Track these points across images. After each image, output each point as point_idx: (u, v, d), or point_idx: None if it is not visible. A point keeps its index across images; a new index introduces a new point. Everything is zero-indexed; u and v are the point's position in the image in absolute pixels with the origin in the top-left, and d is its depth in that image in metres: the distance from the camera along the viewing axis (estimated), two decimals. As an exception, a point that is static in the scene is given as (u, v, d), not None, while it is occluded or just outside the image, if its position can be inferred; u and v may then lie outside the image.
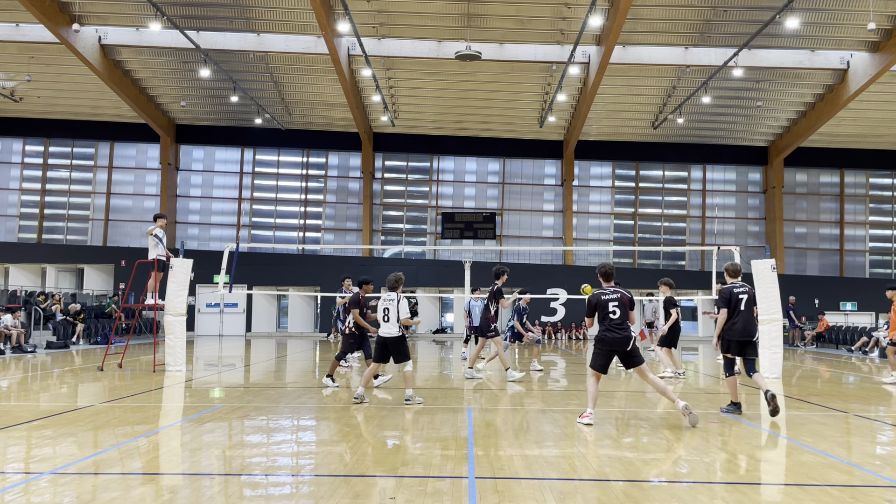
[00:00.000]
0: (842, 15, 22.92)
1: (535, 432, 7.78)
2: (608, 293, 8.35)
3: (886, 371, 13.56)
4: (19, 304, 23.20)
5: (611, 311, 8.26)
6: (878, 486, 5.76)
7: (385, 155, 34.28)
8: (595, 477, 5.85)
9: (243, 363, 17.38)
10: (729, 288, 9.17)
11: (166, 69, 28.73)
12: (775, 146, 32.92)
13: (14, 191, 33.93)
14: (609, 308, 8.26)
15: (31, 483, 5.54)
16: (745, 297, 9.06)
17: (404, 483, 5.59)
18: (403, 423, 8.26)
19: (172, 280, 13.89)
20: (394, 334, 9.67)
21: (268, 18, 24.92)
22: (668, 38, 25.17)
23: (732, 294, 9.07)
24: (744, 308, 9.01)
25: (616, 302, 8.28)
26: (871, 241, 34.52)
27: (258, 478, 5.86)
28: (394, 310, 9.65)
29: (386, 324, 9.66)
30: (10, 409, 9.30)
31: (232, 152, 34.35)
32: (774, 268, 13.89)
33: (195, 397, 10.84)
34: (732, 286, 9.19)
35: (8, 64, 28.22)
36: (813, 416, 9.17)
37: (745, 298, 9.05)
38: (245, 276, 28.68)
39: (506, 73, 27.68)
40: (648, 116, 31.23)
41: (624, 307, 8.29)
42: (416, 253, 34.70)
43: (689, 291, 28.09)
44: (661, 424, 8.35)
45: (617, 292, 8.37)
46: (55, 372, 14.48)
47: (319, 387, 12.26)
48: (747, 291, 9.13)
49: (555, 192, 34.14)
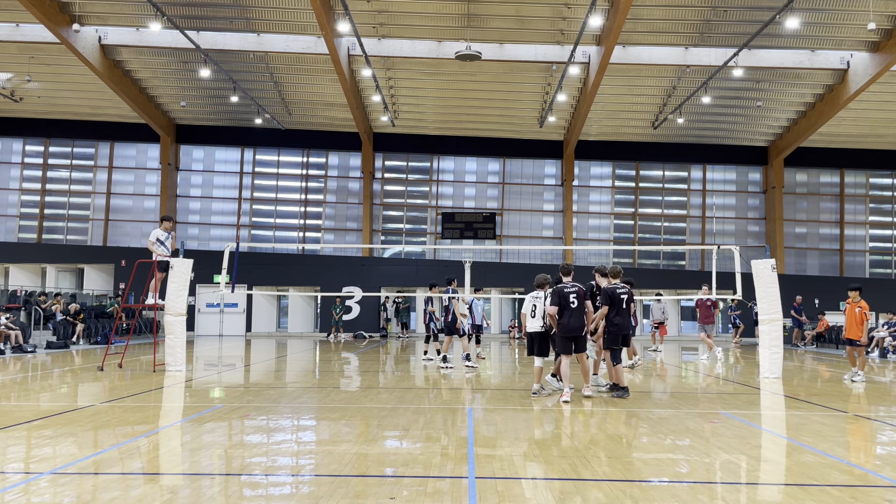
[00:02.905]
0: (842, 15, 22.91)
1: (535, 432, 7.78)
2: (568, 286, 10.20)
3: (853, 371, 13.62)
4: (18, 304, 23.22)
5: (570, 302, 10.06)
6: (878, 486, 5.76)
7: (385, 155, 34.28)
8: (595, 477, 5.85)
9: (243, 363, 17.38)
10: (613, 287, 10.95)
11: (166, 69, 28.73)
12: (775, 146, 32.92)
13: (14, 191, 33.93)
14: (570, 299, 10.07)
15: (31, 483, 5.54)
16: (626, 296, 10.92)
17: (404, 483, 5.59)
18: (403, 423, 8.26)
19: (172, 280, 13.89)
20: (538, 329, 10.58)
21: (268, 18, 24.92)
22: (668, 38, 25.16)
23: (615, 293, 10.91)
24: (625, 306, 10.90)
25: (574, 294, 10.13)
26: (871, 241, 34.51)
27: (258, 478, 5.86)
28: (541, 306, 10.51)
29: (533, 319, 10.55)
30: (10, 409, 9.30)
31: (232, 152, 34.35)
32: (774, 268, 13.89)
33: (195, 397, 10.84)
34: (615, 286, 10.97)
35: (8, 64, 28.21)
36: (813, 416, 9.18)
37: (626, 298, 10.91)
38: (245, 276, 28.70)
39: (506, 73, 27.68)
40: (648, 116, 31.23)
41: (580, 299, 10.12)
42: (416, 253, 34.69)
43: (689, 291, 28.08)
44: (662, 424, 8.36)
45: (575, 286, 10.22)
46: (55, 372, 14.48)
47: (320, 387, 12.27)
48: (628, 291, 11.01)
49: (555, 192, 34.14)
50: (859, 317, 13.36)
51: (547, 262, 33.28)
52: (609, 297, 10.90)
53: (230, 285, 15.72)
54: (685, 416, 8.99)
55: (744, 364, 17.95)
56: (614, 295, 10.90)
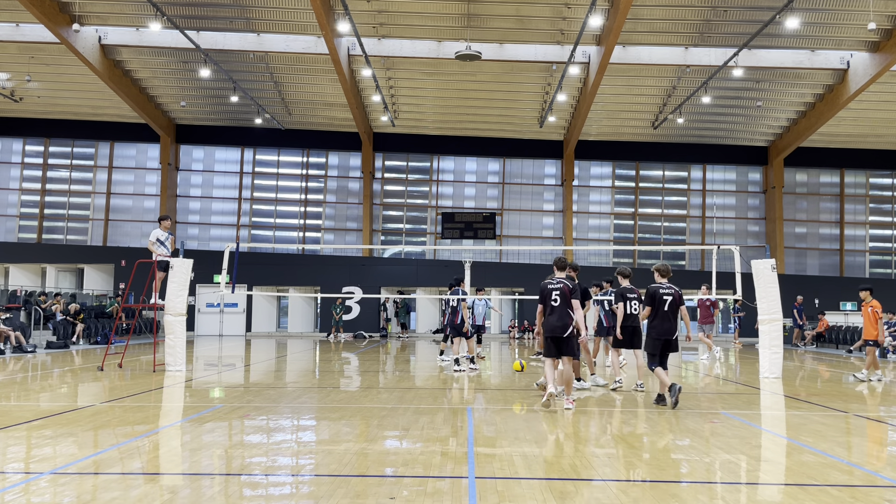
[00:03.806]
0: (842, 15, 22.91)
1: (535, 432, 7.78)
2: (554, 282, 9.42)
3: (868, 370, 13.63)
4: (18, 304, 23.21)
5: (552, 299, 9.30)
6: (878, 486, 5.76)
7: (385, 155, 34.28)
8: (595, 477, 5.85)
9: (243, 363, 17.38)
10: (655, 288, 9.98)
11: (166, 69, 28.73)
12: (775, 146, 32.92)
13: (14, 191, 33.93)
14: (552, 296, 9.32)
15: (31, 483, 5.54)
16: (670, 297, 9.88)
17: (404, 483, 5.59)
18: (403, 423, 8.26)
19: (172, 280, 13.89)
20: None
21: (268, 18, 24.92)
22: (668, 38, 25.16)
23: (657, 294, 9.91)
24: (667, 308, 9.85)
25: (557, 291, 9.31)
26: (871, 241, 34.51)
27: (258, 478, 5.86)
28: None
29: None
30: (10, 409, 9.30)
31: (232, 152, 34.35)
32: (774, 268, 13.89)
33: (195, 397, 10.84)
34: (659, 286, 10.03)
35: (8, 64, 28.21)
36: (813, 416, 9.18)
37: (670, 300, 9.86)
38: (245, 276, 28.70)
39: (506, 73, 27.67)
40: (648, 116, 31.23)
41: (563, 296, 9.27)
42: (416, 253, 34.70)
43: (689, 291, 28.05)
44: (662, 424, 8.36)
45: (560, 282, 9.40)
46: (55, 372, 14.48)
47: (320, 387, 12.27)
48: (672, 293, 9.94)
49: (555, 192, 34.14)
50: (872, 316, 13.32)
51: (547, 262, 33.28)
52: (651, 297, 9.97)
53: (230, 285, 15.73)
54: (685, 415, 8.99)
55: (743, 364, 17.95)
56: (656, 295, 9.93)
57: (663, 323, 9.82)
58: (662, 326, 9.80)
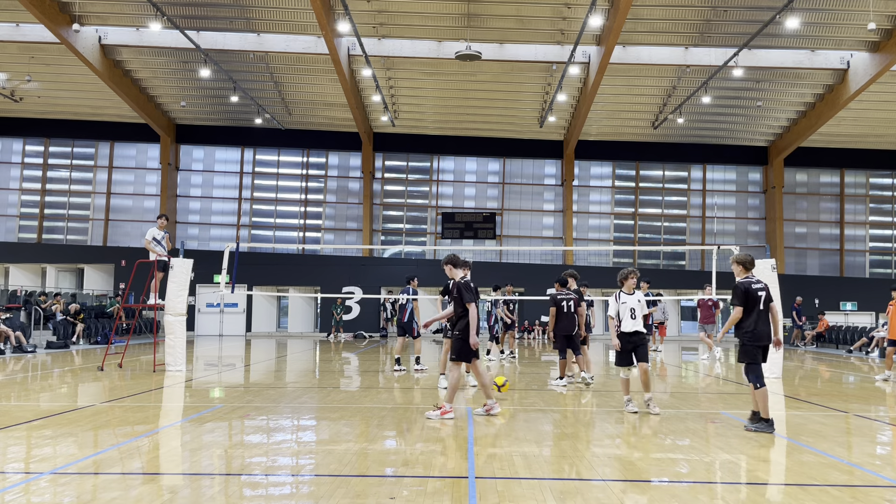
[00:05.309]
0: (842, 15, 22.91)
1: (535, 432, 7.78)
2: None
3: (892, 371, 13.59)
4: (18, 304, 23.21)
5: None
6: (878, 486, 5.76)
7: (385, 155, 34.27)
8: (595, 477, 5.85)
9: (243, 363, 17.38)
10: (746, 283, 8.04)
11: (166, 69, 28.72)
12: (775, 146, 32.91)
13: (14, 191, 33.93)
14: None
15: (31, 483, 5.54)
16: (763, 293, 7.99)
17: (404, 483, 5.59)
18: (404, 423, 8.26)
19: (172, 280, 13.89)
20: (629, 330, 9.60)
21: (268, 18, 24.92)
22: (668, 38, 25.16)
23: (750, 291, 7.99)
24: (762, 307, 7.97)
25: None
26: (871, 241, 34.51)
27: (258, 478, 5.86)
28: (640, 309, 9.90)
29: (633, 321, 9.35)
30: (10, 409, 9.30)
31: (232, 152, 34.35)
32: (774, 268, 13.88)
33: (195, 397, 10.84)
34: (750, 281, 8.09)
35: (8, 64, 28.21)
36: (813, 416, 9.18)
37: (764, 296, 7.98)
38: (245, 276, 28.69)
39: (506, 73, 27.67)
40: (648, 116, 31.23)
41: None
42: (416, 253, 34.69)
43: (689, 291, 28.07)
44: (662, 424, 8.36)
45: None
46: (55, 372, 14.48)
47: (320, 387, 12.26)
48: (765, 288, 8.09)
49: (555, 192, 34.13)
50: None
51: (547, 262, 33.30)
52: (743, 293, 7.93)
53: (230, 285, 15.72)
54: (685, 415, 8.99)
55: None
56: (749, 291, 7.91)
57: (763, 325, 7.94)
58: (762, 329, 7.93)
